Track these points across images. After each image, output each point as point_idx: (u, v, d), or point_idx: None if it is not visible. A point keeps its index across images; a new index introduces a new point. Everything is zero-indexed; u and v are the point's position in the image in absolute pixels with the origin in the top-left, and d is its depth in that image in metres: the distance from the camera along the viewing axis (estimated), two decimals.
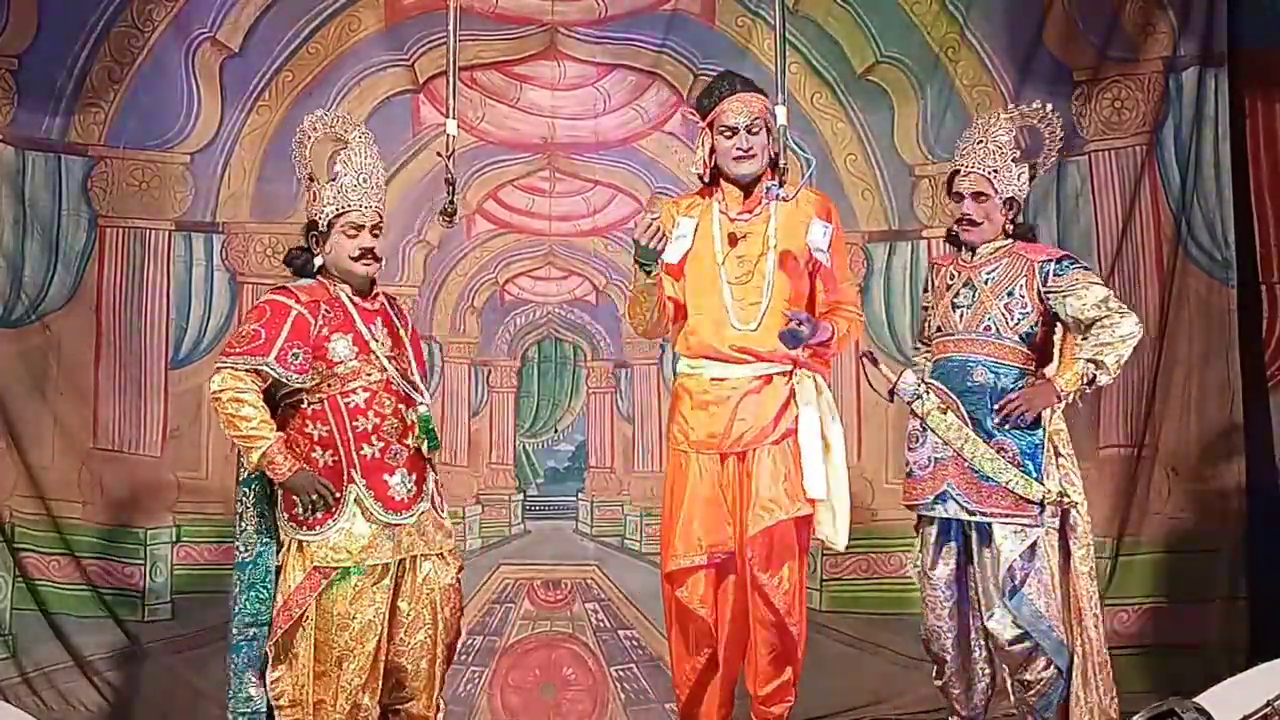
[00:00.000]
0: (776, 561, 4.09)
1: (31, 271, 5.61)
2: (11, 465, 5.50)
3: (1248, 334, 5.48)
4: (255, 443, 3.90)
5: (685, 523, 4.12)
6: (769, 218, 4.19)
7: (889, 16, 5.80)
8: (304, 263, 4.09)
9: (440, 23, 5.17)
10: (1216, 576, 5.42)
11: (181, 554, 5.63)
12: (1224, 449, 5.45)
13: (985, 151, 4.27)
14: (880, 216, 5.84)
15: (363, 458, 3.96)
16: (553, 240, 5.96)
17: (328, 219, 4.04)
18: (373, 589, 3.96)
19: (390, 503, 3.97)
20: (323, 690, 3.94)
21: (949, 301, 4.28)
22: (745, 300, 4.14)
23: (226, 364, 3.95)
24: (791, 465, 4.08)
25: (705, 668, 4.18)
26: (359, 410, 3.96)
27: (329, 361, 3.96)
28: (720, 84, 4.29)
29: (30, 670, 5.42)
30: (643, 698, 5.57)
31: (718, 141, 4.22)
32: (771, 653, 4.14)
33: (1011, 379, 4.18)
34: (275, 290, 4.07)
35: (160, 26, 5.70)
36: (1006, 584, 4.10)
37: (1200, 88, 5.54)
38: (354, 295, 4.06)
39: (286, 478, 3.91)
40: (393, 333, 4.10)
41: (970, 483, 4.14)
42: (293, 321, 3.94)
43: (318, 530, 3.94)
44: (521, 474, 5.89)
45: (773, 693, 4.17)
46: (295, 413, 4.00)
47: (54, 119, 5.64)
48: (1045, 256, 4.26)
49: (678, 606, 4.16)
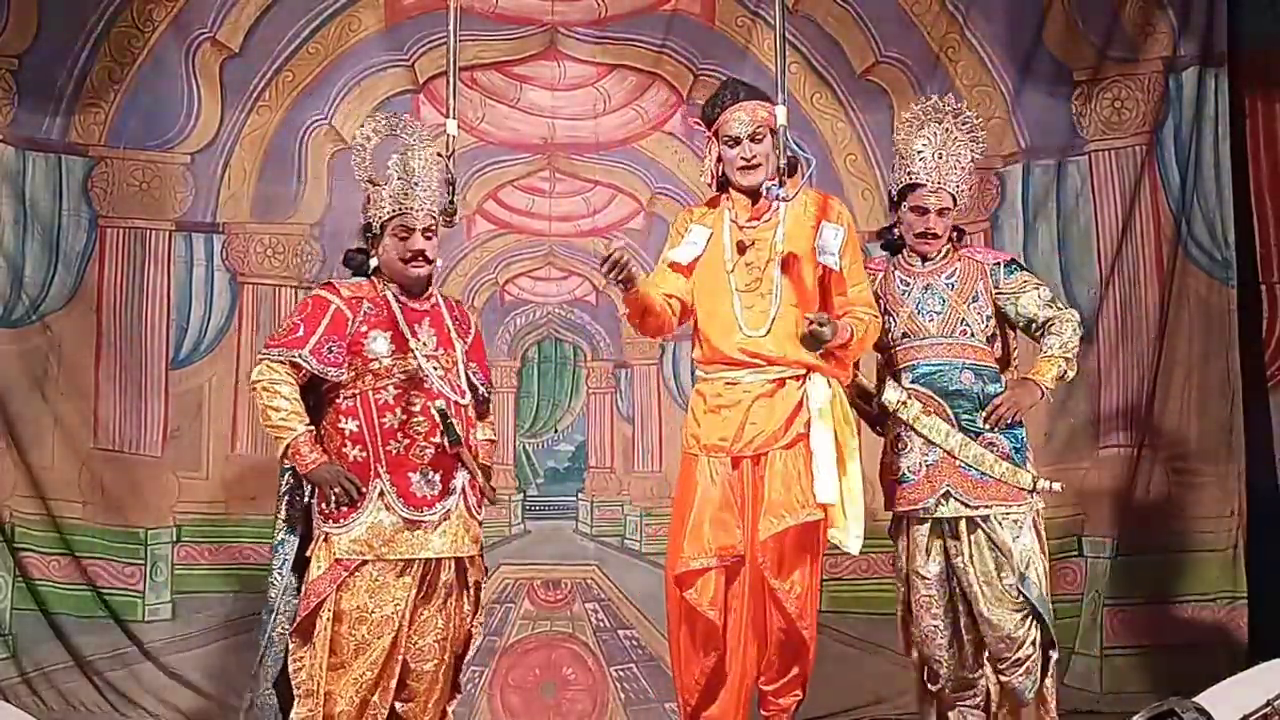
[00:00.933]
0: (788, 566, 4.08)
1: (32, 272, 5.62)
2: (12, 465, 5.51)
3: (1248, 334, 5.48)
4: (283, 433, 3.99)
5: (695, 525, 4.10)
6: (777, 224, 4.18)
7: (889, 16, 5.80)
8: (360, 264, 4.17)
9: (440, 23, 5.18)
10: (1216, 576, 5.42)
11: (181, 554, 5.63)
12: (1224, 449, 5.45)
13: (948, 168, 4.32)
14: (880, 216, 5.82)
15: (388, 453, 4.00)
16: (553, 240, 5.97)
17: (381, 221, 4.10)
18: (394, 584, 3.98)
19: (412, 499, 4.00)
20: (335, 682, 3.97)
21: (912, 308, 4.33)
22: (754, 307, 4.14)
23: (265, 356, 4.05)
24: (803, 469, 4.07)
25: (714, 671, 4.15)
26: (388, 406, 4.01)
27: (364, 357, 4.02)
28: (723, 93, 4.27)
29: (30, 670, 5.43)
30: (643, 698, 5.57)
31: (723, 151, 4.22)
32: (783, 652, 4.14)
33: (991, 379, 4.27)
34: (321, 285, 4.20)
35: (160, 27, 5.71)
36: (1018, 568, 4.17)
37: (1200, 88, 5.54)
38: (401, 295, 4.11)
39: (310, 469, 3.97)
40: (442, 335, 4.14)
41: (965, 479, 4.20)
42: (331, 316, 4.03)
43: (342, 523, 3.98)
44: (521, 474, 5.89)
45: (782, 686, 4.18)
46: (331, 407, 4.07)
47: (54, 119, 5.65)
48: (994, 260, 4.40)
49: (685, 608, 4.13)
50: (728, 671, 4.16)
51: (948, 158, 4.33)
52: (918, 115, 4.40)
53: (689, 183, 5.82)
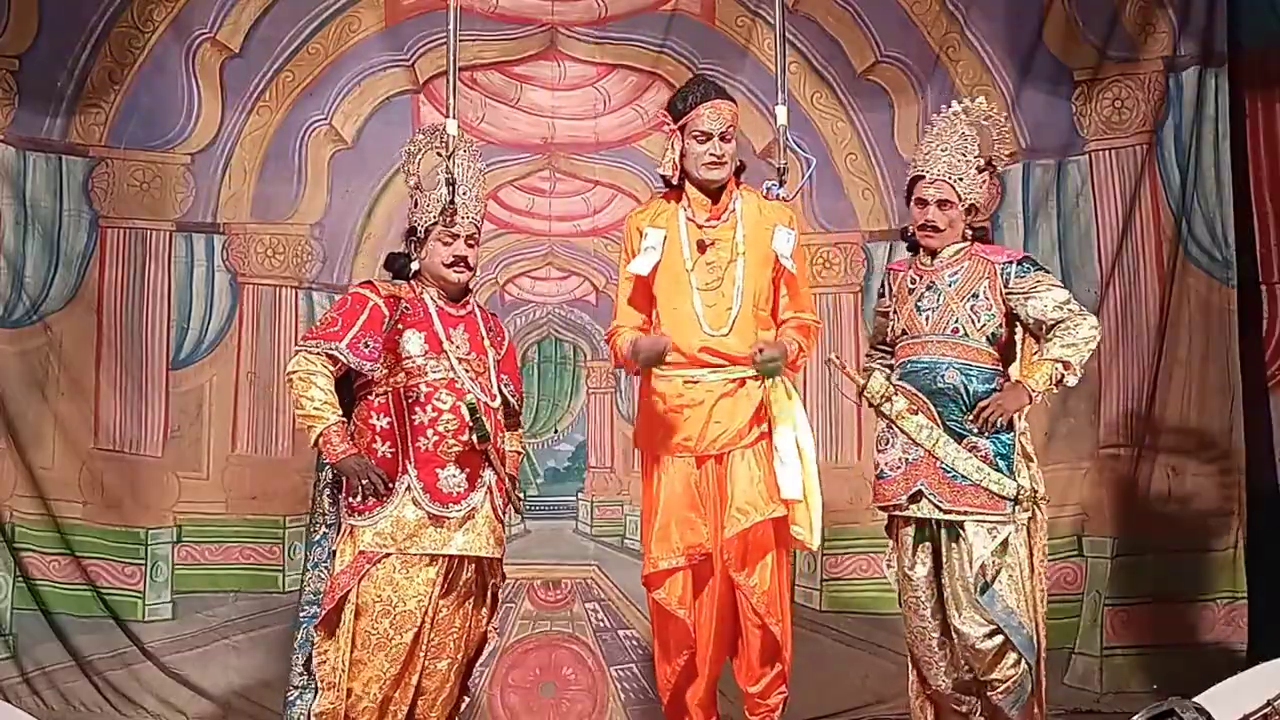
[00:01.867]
0: (752, 562, 4.12)
1: (32, 272, 5.62)
2: (12, 465, 5.51)
3: (1248, 334, 5.48)
4: (315, 422, 4.03)
5: (662, 526, 4.17)
6: (736, 223, 4.22)
7: (889, 16, 5.80)
8: (401, 266, 4.23)
9: (440, 23, 5.18)
10: (1216, 576, 5.42)
11: (181, 554, 5.64)
12: (1224, 449, 5.45)
13: (949, 159, 4.29)
14: (880, 216, 5.85)
15: (417, 449, 4.04)
16: (553, 240, 5.97)
17: (426, 226, 4.17)
18: (418, 579, 4.02)
19: (438, 494, 4.03)
20: (356, 676, 4.00)
21: (913, 305, 4.29)
22: (717, 306, 4.17)
23: (302, 347, 4.11)
24: (766, 468, 4.12)
25: (683, 671, 4.21)
26: (419, 404, 4.06)
27: (398, 355, 4.08)
28: (695, 88, 4.28)
29: (30, 670, 5.43)
30: (643, 698, 5.56)
31: (689, 145, 4.21)
32: (759, 650, 4.17)
33: (981, 380, 4.19)
34: (360, 284, 4.27)
35: (160, 27, 5.71)
36: (979, 581, 4.11)
37: (1200, 88, 5.54)
38: (439, 299, 4.18)
39: (339, 459, 4.01)
40: (475, 341, 4.18)
41: (942, 481, 4.14)
42: (369, 312, 4.08)
43: (367, 516, 4.02)
44: (522, 474, 5.84)
45: (765, 687, 4.20)
46: (364, 403, 4.12)
47: (54, 119, 5.65)
48: (1005, 258, 4.30)
49: (656, 609, 4.21)
50: (698, 670, 4.19)
51: (950, 150, 4.30)
52: (936, 117, 4.41)
53: None
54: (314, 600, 4.09)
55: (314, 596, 4.10)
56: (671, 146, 4.27)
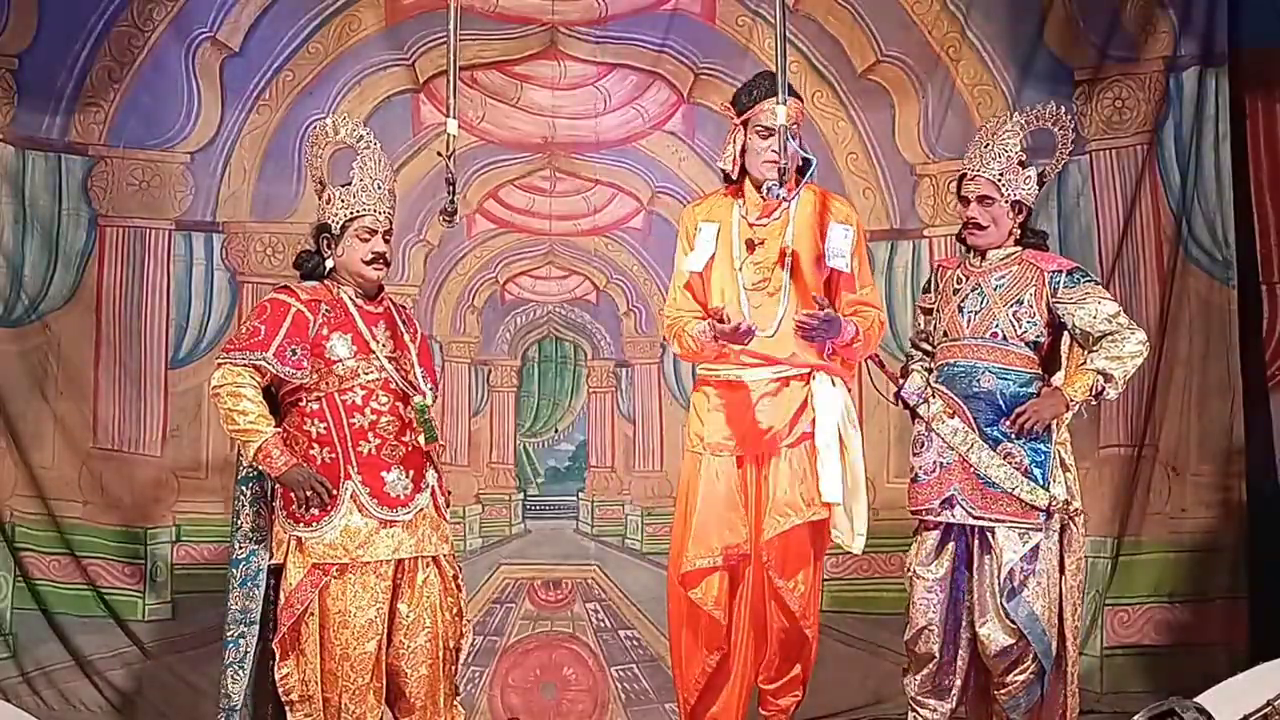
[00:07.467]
0: (793, 566, 4.09)
1: (31, 271, 5.61)
2: (12, 465, 5.50)
3: (1248, 334, 5.48)
4: (252, 436, 3.95)
5: (700, 525, 4.11)
6: (787, 222, 4.17)
7: (889, 16, 5.79)
8: (314, 265, 4.14)
9: (440, 22, 5.17)
10: (1216, 576, 5.43)
11: (181, 554, 5.63)
12: (1224, 449, 5.45)
13: (991, 155, 4.27)
14: (881, 216, 5.84)
15: (359, 454, 3.99)
16: (553, 239, 5.96)
17: (340, 223, 4.09)
18: (373, 587, 3.98)
19: (386, 499, 4.00)
20: (330, 689, 3.97)
21: (956, 306, 4.27)
22: (762, 306, 4.13)
23: (226, 359, 4.01)
24: (808, 469, 4.07)
25: (717, 670, 4.17)
26: (356, 407, 3.99)
27: (327, 360, 4.00)
28: (762, 83, 4.23)
29: (31, 670, 5.43)
30: (643, 698, 5.57)
31: (751, 140, 4.17)
32: (784, 651, 4.15)
33: (1019, 385, 4.18)
34: (277, 289, 4.14)
35: (160, 26, 5.70)
36: (1006, 586, 4.10)
37: (1200, 88, 5.54)
38: (357, 298, 4.10)
39: (282, 472, 3.94)
40: (395, 336, 4.13)
41: (975, 488, 4.13)
42: (292, 319, 4.00)
43: (315, 527, 3.97)
44: (522, 473, 5.89)
45: (782, 686, 4.20)
46: (295, 410, 4.04)
47: (54, 119, 5.64)
48: (1056, 267, 4.26)
49: (689, 607, 4.14)
50: (731, 670, 4.17)
51: (993, 145, 4.28)
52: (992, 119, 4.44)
53: (689, 182, 5.82)
54: (241, 619, 4.02)
55: (241, 615, 4.02)
56: (734, 141, 4.23)
